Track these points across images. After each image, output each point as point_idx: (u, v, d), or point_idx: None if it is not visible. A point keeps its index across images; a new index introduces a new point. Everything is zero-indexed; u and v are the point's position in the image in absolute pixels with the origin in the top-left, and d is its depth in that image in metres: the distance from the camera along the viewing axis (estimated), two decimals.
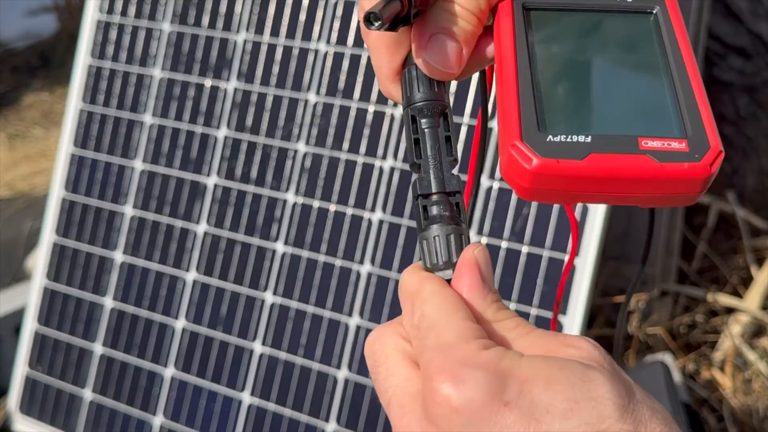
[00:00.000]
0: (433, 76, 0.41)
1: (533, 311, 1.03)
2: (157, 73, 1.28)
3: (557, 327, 0.89)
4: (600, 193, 0.35)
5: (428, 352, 0.33)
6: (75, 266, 1.31)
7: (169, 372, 1.23)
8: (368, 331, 1.11)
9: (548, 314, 1.03)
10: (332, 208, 1.15)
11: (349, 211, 1.14)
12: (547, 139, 0.35)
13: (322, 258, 1.15)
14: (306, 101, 1.18)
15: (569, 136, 0.35)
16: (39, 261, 1.34)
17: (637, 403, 0.32)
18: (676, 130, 0.35)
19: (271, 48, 1.21)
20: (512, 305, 1.05)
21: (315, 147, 1.17)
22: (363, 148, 1.14)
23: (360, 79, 1.15)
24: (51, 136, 2.66)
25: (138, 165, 1.28)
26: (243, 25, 1.23)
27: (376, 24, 0.35)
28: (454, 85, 1.09)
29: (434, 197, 0.38)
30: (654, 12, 0.40)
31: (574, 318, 1.01)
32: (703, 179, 0.34)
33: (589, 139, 0.35)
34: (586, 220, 1.02)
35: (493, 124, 0.97)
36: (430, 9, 0.40)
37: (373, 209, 1.13)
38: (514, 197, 1.06)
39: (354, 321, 1.12)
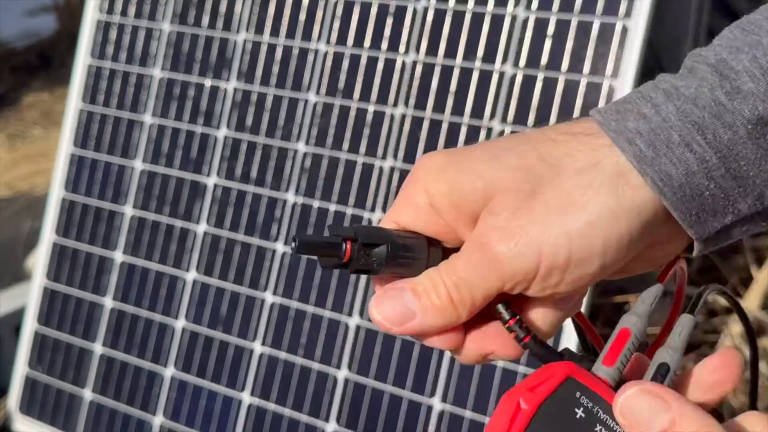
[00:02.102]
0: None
1: None
2: (156, 73, 1.28)
3: None
4: None
5: None
6: (75, 266, 1.31)
7: (169, 372, 1.23)
8: (368, 331, 1.11)
9: None
10: (332, 208, 1.15)
11: (349, 211, 1.14)
12: None
13: None
14: (306, 101, 1.18)
15: None
16: (39, 261, 1.34)
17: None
18: None
19: (271, 48, 1.21)
20: None
21: (315, 147, 1.17)
22: (363, 148, 1.14)
23: (360, 79, 1.15)
24: (51, 136, 2.66)
25: (138, 165, 1.28)
26: (243, 25, 1.23)
27: (293, 245, 0.32)
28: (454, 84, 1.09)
29: None
30: None
31: None
32: None
33: None
34: None
35: None
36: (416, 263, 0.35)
37: (373, 209, 1.13)
38: None
39: (354, 321, 1.12)
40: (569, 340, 0.99)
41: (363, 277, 1.12)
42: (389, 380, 1.10)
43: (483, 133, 1.07)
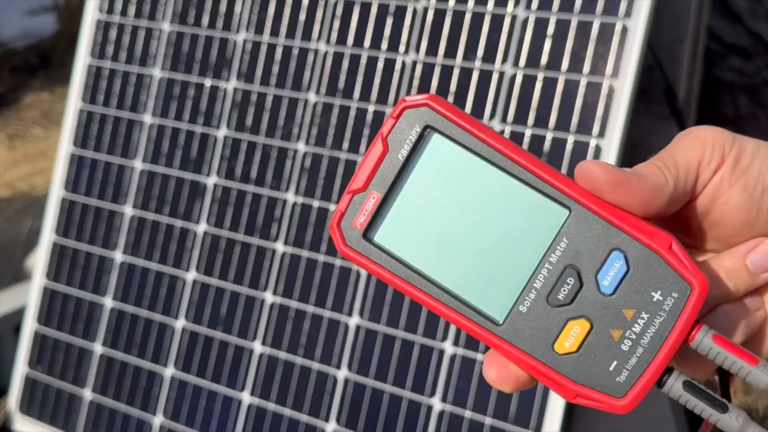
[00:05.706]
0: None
1: None
2: (156, 72, 1.28)
3: None
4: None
5: None
6: (75, 266, 1.31)
7: (168, 372, 1.23)
8: (368, 331, 1.11)
9: None
10: (332, 207, 1.15)
11: None
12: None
13: (321, 258, 1.15)
14: (306, 101, 1.18)
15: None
16: (39, 261, 1.34)
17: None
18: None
19: (271, 48, 1.21)
20: None
21: (315, 147, 1.17)
22: (363, 148, 1.14)
23: (360, 78, 1.15)
24: (51, 136, 2.66)
25: (138, 165, 1.28)
26: (243, 25, 1.23)
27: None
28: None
29: None
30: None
31: None
32: None
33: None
34: None
35: None
36: None
37: None
38: None
39: (354, 321, 1.12)
40: None
41: (362, 278, 1.12)
42: (389, 380, 1.10)
43: None
